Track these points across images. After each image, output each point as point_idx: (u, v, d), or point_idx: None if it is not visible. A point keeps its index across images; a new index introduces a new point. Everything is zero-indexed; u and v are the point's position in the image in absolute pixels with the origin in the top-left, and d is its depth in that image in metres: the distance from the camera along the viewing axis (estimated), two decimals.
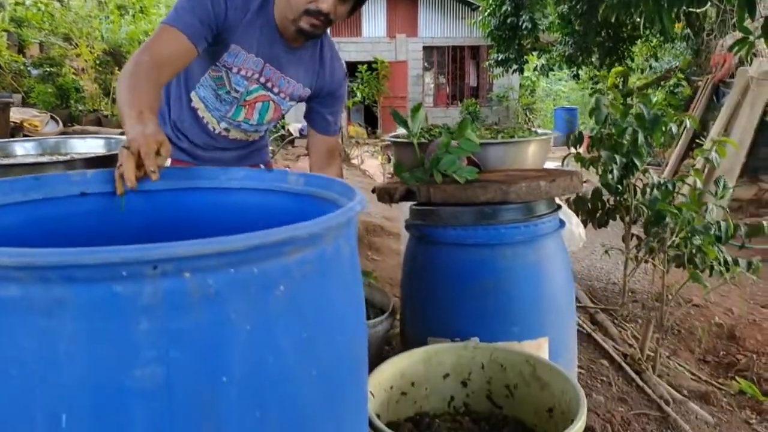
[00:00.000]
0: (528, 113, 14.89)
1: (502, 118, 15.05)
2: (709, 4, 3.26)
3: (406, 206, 1.71)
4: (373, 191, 1.85)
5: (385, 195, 1.70)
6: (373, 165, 9.23)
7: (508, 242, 1.36)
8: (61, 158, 1.73)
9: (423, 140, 1.92)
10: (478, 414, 1.29)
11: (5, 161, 1.71)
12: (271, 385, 0.63)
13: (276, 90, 1.51)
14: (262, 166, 1.72)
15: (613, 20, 3.50)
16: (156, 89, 1.20)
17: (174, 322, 0.56)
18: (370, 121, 15.15)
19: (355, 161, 7.45)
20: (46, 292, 0.53)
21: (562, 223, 1.46)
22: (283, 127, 12.27)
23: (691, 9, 3.61)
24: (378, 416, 1.10)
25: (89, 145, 1.98)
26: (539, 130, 2.27)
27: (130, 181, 0.91)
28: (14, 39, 7.30)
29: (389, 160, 9.54)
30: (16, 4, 8.51)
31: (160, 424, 0.57)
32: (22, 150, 1.87)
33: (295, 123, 12.45)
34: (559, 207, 1.48)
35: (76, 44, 7.98)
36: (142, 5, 10.13)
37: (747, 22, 2.64)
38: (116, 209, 1.00)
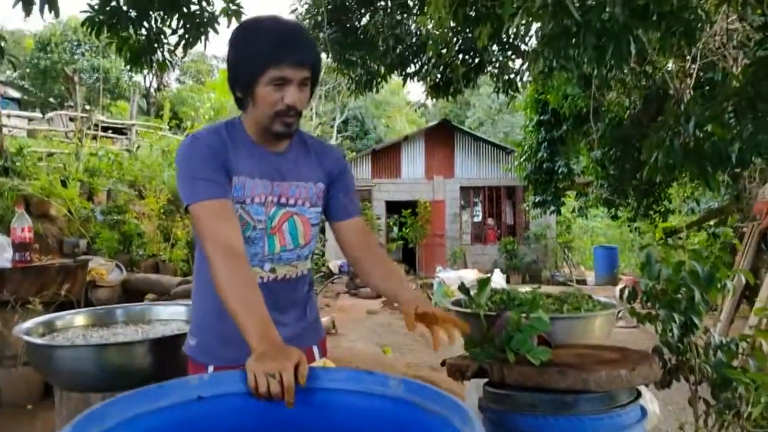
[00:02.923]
0: (566, 251, 14.92)
1: (541, 256, 15.09)
2: (753, 165, 3.39)
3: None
4: (443, 364, 1.87)
5: (456, 372, 1.72)
6: None
7: None
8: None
9: (489, 312, 1.97)
10: None
11: (100, 341, 1.82)
12: None
13: (292, 201, 1.47)
14: (315, 348, 1.63)
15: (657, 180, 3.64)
16: (256, 283, 1.29)
17: None
18: (409, 261, 15.40)
19: (397, 304, 7.47)
20: None
21: (644, 412, 1.44)
22: (323, 265, 12.56)
23: (736, 170, 3.76)
24: None
25: (171, 312, 2.10)
26: (603, 299, 2.29)
27: (289, 404, 1.01)
28: (86, 187, 7.94)
29: (429, 299, 9.56)
30: (91, 155, 9.39)
31: None
32: (114, 317, 2.00)
33: (335, 260, 12.77)
34: (640, 395, 1.47)
35: (139, 191, 8.62)
36: None
37: None
38: (225, 412, 1.06)
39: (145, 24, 4.48)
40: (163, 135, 12.89)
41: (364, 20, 6.22)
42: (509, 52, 6.00)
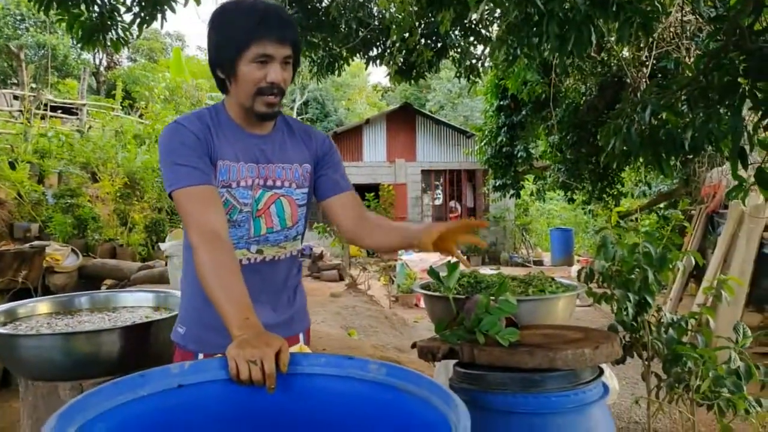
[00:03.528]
0: (524, 233, 15.27)
1: (500, 238, 15.40)
2: (704, 152, 3.55)
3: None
4: (413, 347, 1.91)
5: (427, 354, 1.76)
6: (376, 287, 9.31)
7: (558, 411, 1.42)
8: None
9: (457, 295, 2.02)
10: None
11: (67, 329, 1.79)
12: None
13: (279, 183, 1.48)
14: (301, 335, 1.63)
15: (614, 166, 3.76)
16: (238, 269, 1.27)
17: None
18: None
19: (362, 287, 7.53)
20: None
21: (606, 389, 1.52)
22: None
23: (688, 156, 3.93)
24: None
25: (137, 299, 2.07)
26: (564, 281, 2.39)
27: (270, 389, 1.03)
28: (36, 169, 7.64)
29: (392, 281, 9.64)
30: (40, 136, 9.02)
31: None
32: (78, 304, 1.95)
33: None
34: (602, 372, 1.55)
35: (93, 173, 8.35)
36: (157, 135, 10.75)
37: (740, 171, 2.88)
38: (205, 399, 1.07)
39: (98, 0, 4.30)
40: (115, 115, 12.47)
41: (326, 1, 6.14)
42: (471, 38, 6.04)
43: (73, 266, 4.78)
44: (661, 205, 10.22)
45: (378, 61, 6.39)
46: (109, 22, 4.38)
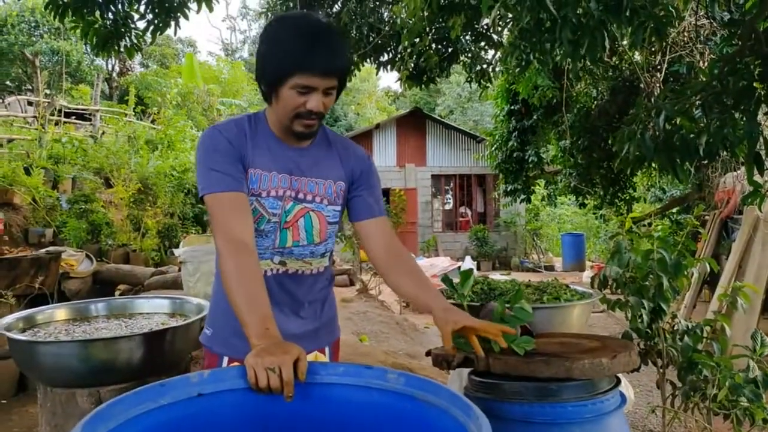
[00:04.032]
0: (535, 238, 15.20)
1: (510, 243, 15.35)
2: (718, 157, 3.52)
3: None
4: (428, 354, 1.91)
5: (442, 362, 1.76)
6: (386, 292, 9.30)
7: (575, 420, 1.41)
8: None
9: (472, 302, 2.01)
10: None
11: (85, 336, 1.80)
12: None
13: (309, 198, 1.46)
14: (327, 348, 1.61)
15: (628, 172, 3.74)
16: (261, 278, 1.28)
17: None
18: None
19: (372, 292, 7.53)
20: None
21: (623, 399, 1.51)
22: None
23: (703, 162, 3.89)
24: None
25: (153, 306, 2.09)
26: (579, 288, 2.37)
27: (288, 397, 1.04)
28: (50, 175, 7.72)
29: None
30: (54, 141, 9.12)
31: None
32: (95, 311, 1.97)
33: None
34: (620, 382, 1.54)
35: (107, 178, 8.42)
36: (169, 141, 10.83)
37: (756, 176, 2.85)
38: (225, 407, 1.08)
39: (112, 8, 4.34)
40: (128, 121, 12.57)
41: (337, 7, 6.17)
42: (482, 43, 6.04)
43: (88, 271, 4.82)
44: (674, 210, 10.14)
45: (389, 66, 6.40)
46: (123, 30, 4.43)
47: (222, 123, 1.44)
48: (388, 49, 6.34)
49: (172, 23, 4.45)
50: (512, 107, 9.81)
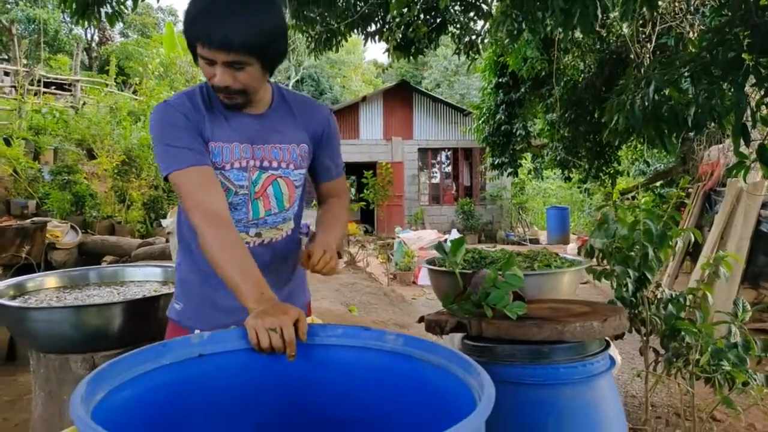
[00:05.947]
0: (521, 212, 15.32)
1: (496, 216, 15.45)
2: (706, 129, 3.56)
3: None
4: (420, 320, 1.94)
5: (435, 327, 1.78)
6: (374, 264, 9.35)
7: (566, 382, 1.44)
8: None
9: (463, 270, 2.04)
10: None
11: (77, 302, 1.79)
12: None
13: (275, 164, 1.42)
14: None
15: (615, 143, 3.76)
16: (244, 245, 1.27)
17: None
18: (368, 221, 15.50)
19: (360, 264, 7.57)
20: None
21: (612, 362, 1.55)
22: None
23: (689, 134, 3.93)
24: None
25: (145, 273, 2.08)
26: (569, 256, 2.40)
27: (290, 356, 1.06)
28: (31, 146, 7.58)
29: (389, 259, 9.68)
30: (34, 112, 8.92)
31: None
32: (86, 278, 1.96)
33: None
34: (609, 345, 1.58)
35: (89, 150, 8.29)
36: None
37: (742, 148, 2.89)
38: (226, 368, 1.08)
39: None
40: (109, 92, 12.32)
41: None
42: (471, 13, 5.97)
43: (74, 243, 4.77)
44: (657, 184, 10.25)
45: (377, 37, 6.31)
46: None
47: (173, 98, 1.37)
48: (376, 19, 6.24)
49: None
50: (500, 80, 9.76)
